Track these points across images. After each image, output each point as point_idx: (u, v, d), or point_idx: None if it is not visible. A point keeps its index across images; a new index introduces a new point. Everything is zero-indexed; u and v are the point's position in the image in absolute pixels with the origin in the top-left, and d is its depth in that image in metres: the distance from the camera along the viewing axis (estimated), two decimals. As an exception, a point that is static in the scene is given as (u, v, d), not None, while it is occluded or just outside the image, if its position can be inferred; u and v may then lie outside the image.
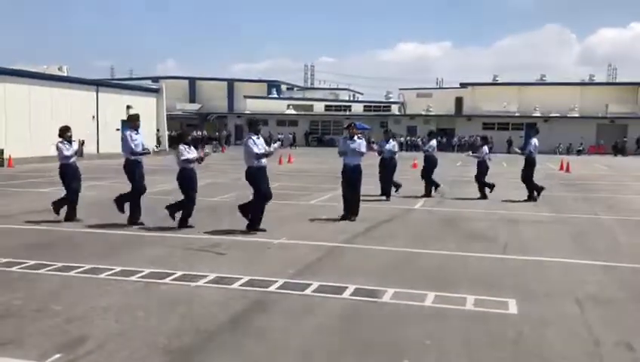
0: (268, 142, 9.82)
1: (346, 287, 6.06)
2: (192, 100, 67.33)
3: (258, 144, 9.22)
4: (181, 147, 9.58)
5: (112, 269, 6.73)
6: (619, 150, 48.07)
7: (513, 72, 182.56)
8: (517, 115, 55.46)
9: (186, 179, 9.48)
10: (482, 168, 14.60)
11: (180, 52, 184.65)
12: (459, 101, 60.84)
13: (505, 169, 25.84)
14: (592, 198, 15.41)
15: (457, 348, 4.46)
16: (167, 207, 9.67)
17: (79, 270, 6.70)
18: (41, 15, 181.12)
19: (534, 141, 14.27)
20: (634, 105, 56.24)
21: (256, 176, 9.25)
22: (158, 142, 43.40)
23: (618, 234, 9.84)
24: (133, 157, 9.94)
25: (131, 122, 10.21)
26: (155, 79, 60.71)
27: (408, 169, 23.78)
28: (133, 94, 42.01)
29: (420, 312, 5.34)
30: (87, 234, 9.10)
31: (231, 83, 68.79)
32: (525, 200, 13.94)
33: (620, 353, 4.41)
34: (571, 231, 9.95)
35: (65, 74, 39.82)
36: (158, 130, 43.91)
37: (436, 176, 15.30)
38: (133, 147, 9.86)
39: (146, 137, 37.61)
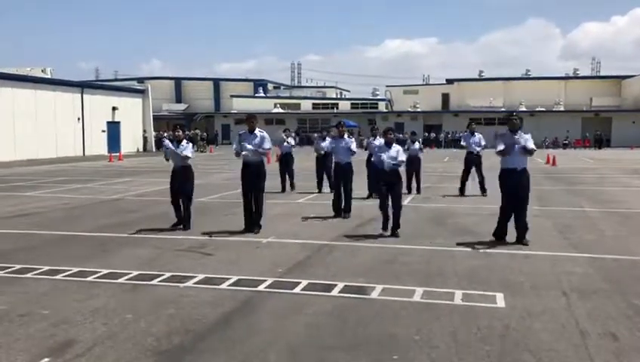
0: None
1: (335, 285, 6.08)
2: (179, 100, 67.04)
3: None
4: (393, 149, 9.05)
5: (100, 272, 6.69)
6: (599, 143, 48.90)
7: (498, 67, 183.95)
8: (503, 109, 55.83)
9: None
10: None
11: (166, 52, 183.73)
12: (445, 97, 61.18)
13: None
14: (577, 191, 15.57)
15: (446, 342, 4.50)
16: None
17: (66, 273, 6.65)
18: (24, 16, 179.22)
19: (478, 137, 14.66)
20: (617, 98, 56.92)
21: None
22: (145, 143, 43.15)
23: (603, 226, 9.95)
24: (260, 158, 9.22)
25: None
26: (141, 80, 60.40)
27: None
28: (118, 95, 41.79)
29: (408, 308, 5.37)
30: (73, 237, 9.03)
31: (217, 82, 68.54)
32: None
33: (606, 343, 4.47)
34: (557, 224, 10.05)
35: (49, 76, 39.47)
36: (144, 131, 43.67)
37: (423, 172, 15.44)
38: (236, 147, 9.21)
39: (130, 139, 37.16)
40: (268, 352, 4.35)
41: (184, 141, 9.57)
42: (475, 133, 14.66)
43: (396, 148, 9.08)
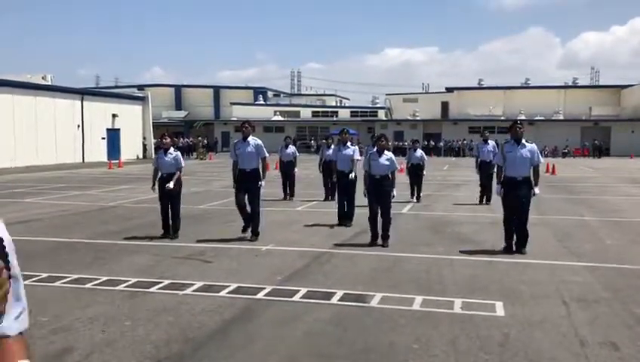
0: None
1: (334, 293, 6.06)
2: (178, 108, 67.11)
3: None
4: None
5: (98, 279, 6.67)
6: (599, 152, 49.11)
7: (498, 75, 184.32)
8: (502, 118, 55.93)
9: None
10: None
11: (166, 59, 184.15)
12: (445, 105, 61.24)
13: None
14: (577, 200, 15.56)
15: (445, 351, 4.48)
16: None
17: (64, 280, 6.63)
18: (24, 23, 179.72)
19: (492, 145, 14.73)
20: (616, 108, 57.05)
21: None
22: (144, 150, 43.13)
23: (603, 235, 9.94)
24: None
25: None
26: (141, 87, 60.48)
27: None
28: (118, 103, 41.78)
29: (407, 316, 5.35)
30: (72, 244, 9.01)
31: (217, 90, 68.67)
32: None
33: (606, 353, 4.45)
34: (557, 233, 10.04)
35: (49, 83, 39.48)
36: (144, 138, 43.66)
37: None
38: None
39: (130, 146, 37.03)
40: (267, 360, 4.33)
41: (172, 149, 9.56)
42: (489, 142, 14.67)
43: (388, 155, 8.92)
